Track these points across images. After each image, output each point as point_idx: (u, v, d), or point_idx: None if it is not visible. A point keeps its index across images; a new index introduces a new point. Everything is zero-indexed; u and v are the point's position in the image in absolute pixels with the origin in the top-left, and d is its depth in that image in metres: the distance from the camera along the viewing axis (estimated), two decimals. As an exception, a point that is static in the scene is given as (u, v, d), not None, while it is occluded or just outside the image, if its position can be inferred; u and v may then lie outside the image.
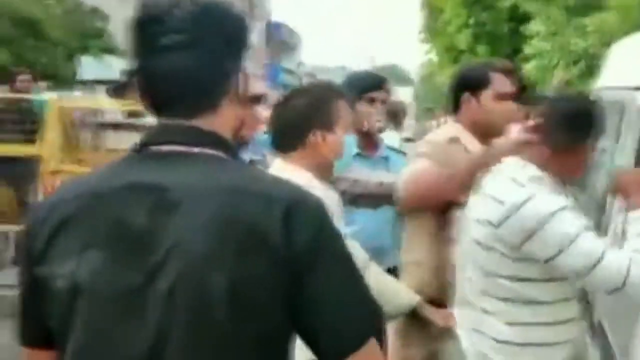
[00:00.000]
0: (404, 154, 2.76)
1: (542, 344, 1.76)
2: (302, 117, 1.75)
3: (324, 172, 1.78)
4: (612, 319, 1.95)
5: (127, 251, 0.90)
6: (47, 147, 4.28)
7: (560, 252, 1.63)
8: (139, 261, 0.90)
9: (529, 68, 13.94)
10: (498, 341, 1.76)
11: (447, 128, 2.24)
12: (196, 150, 0.95)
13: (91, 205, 0.93)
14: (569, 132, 1.76)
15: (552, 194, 1.72)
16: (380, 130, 2.66)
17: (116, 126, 5.02)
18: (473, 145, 2.08)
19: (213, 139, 0.97)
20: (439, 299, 2.03)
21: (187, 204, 0.90)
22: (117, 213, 0.91)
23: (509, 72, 2.11)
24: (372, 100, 2.54)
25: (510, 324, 1.74)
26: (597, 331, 2.06)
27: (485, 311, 1.77)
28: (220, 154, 0.96)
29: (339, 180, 2.22)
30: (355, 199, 2.27)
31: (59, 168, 4.27)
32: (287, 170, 1.70)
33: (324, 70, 42.66)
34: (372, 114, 2.55)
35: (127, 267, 0.90)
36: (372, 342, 0.96)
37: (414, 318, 2.01)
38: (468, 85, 2.14)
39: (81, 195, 0.94)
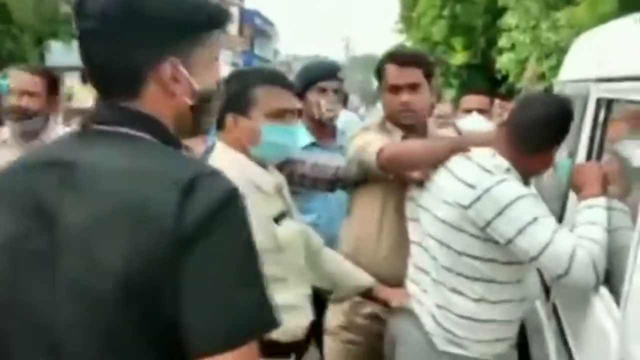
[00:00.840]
0: None
1: (502, 321, 1.86)
2: (223, 100, 1.74)
3: (248, 155, 1.75)
4: (564, 300, 2.02)
5: (31, 221, 0.95)
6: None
7: (517, 234, 1.70)
8: (40, 234, 0.94)
9: (502, 61, 14.07)
10: (463, 317, 1.83)
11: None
12: (122, 130, 0.98)
13: (17, 175, 1.00)
14: (539, 137, 1.85)
15: (519, 183, 1.81)
16: (332, 119, 2.69)
17: (84, 111, 4.96)
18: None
19: (139, 120, 0.99)
20: (392, 276, 2.07)
21: (87, 183, 0.94)
22: (31, 185, 0.97)
23: (403, 64, 2.15)
24: (322, 90, 2.60)
25: (477, 301, 1.82)
26: (552, 312, 2.13)
27: (453, 289, 1.83)
28: (145, 135, 0.99)
29: (299, 164, 2.25)
30: (315, 182, 2.30)
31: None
32: (220, 150, 1.75)
33: (299, 59, 42.41)
34: (321, 104, 2.60)
35: (30, 238, 0.94)
36: (241, 351, 0.88)
37: (366, 298, 2.06)
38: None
39: (16, 166, 1.03)
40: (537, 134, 1.84)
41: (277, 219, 1.69)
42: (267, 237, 1.61)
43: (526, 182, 1.89)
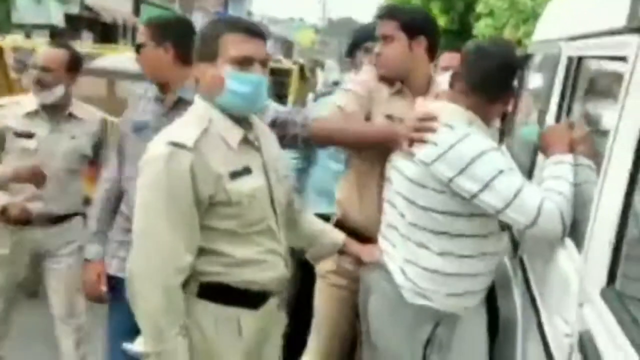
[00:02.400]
0: None
1: (467, 275, 1.90)
2: (194, 52, 1.75)
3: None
4: (531, 254, 2.08)
5: None
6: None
7: (484, 188, 1.75)
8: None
9: (480, 26, 14.05)
10: (429, 270, 1.88)
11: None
12: None
13: None
14: (499, 84, 1.91)
15: (484, 136, 1.84)
16: None
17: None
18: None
19: None
20: (366, 231, 2.14)
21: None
22: None
23: (379, 16, 2.26)
24: (367, 50, 2.67)
25: (441, 254, 1.86)
26: (519, 266, 2.20)
27: (419, 244, 1.88)
28: None
29: (290, 125, 2.30)
30: (307, 141, 2.36)
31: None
32: (195, 103, 1.77)
33: (273, 21, 41.79)
34: (364, 62, 2.65)
35: None
36: None
37: (341, 255, 2.14)
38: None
39: None
40: (497, 81, 1.91)
41: (235, 174, 1.68)
42: (219, 192, 1.65)
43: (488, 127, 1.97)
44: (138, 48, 2.19)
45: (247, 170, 1.71)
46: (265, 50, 1.74)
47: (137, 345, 1.67)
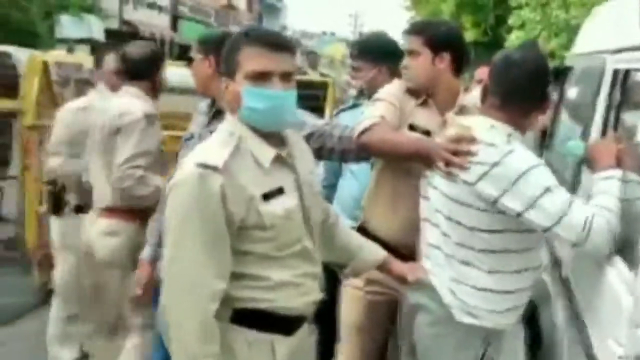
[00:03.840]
0: None
1: (513, 291, 1.87)
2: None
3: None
4: (576, 272, 2.03)
5: None
6: (26, 102, 4.23)
7: (531, 206, 1.71)
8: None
9: (512, 39, 13.92)
10: (477, 288, 1.85)
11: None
12: None
13: None
14: (532, 94, 1.88)
15: (527, 150, 1.81)
16: None
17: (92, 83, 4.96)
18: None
19: None
20: (405, 248, 2.12)
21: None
22: None
23: (406, 31, 2.32)
24: None
25: (489, 272, 1.83)
26: (562, 285, 2.15)
27: (466, 262, 1.85)
28: None
29: (327, 137, 2.34)
30: (342, 154, 2.39)
31: (37, 123, 4.23)
32: (225, 120, 1.73)
33: (307, 36, 42.09)
34: None
35: None
36: None
37: (382, 272, 2.08)
38: None
39: None
40: (530, 90, 1.86)
41: (268, 196, 1.61)
42: (251, 214, 1.59)
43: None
44: (189, 62, 2.33)
45: (280, 191, 1.64)
46: (290, 63, 1.65)
47: None
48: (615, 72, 2.07)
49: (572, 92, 2.99)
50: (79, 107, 3.26)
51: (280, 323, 1.66)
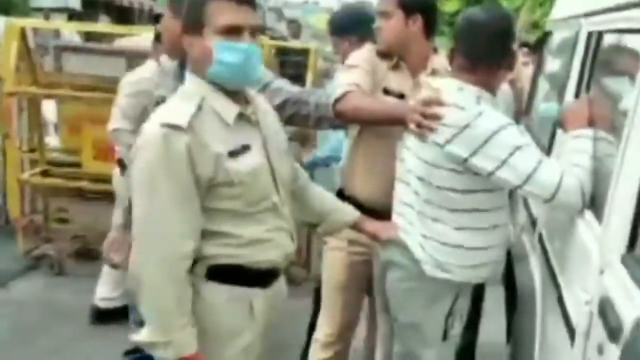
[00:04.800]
0: None
1: (482, 247, 1.94)
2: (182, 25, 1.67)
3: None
4: (549, 228, 2.10)
5: None
6: (4, 69, 4.17)
7: (501, 165, 1.76)
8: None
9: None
10: (447, 244, 1.91)
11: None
12: None
13: None
14: (499, 49, 1.92)
15: (496, 111, 1.86)
16: None
17: (75, 49, 4.91)
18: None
19: None
20: (383, 210, 2.17)
21: None
22: None
23: None
24: None
25: (457, 229, 1.89)
26: (537, 241, 2.22)
27: (435, 219, 1.91)
28: None
29: (302, 105, 2.37)
30: (317, 121, 2.42)
31: (16, 90, 4.19)
32: (187, 80, 1.72)
33: (290, 5, 41.54)
34: None
35: None
36: None
37: (355, 230, 2.14)
38: None
39: None
40: (498, 49, 1.91)
41: (234, 153, 1.62)
42: (218, 171, 1.60)
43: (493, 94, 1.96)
44: (157, 19, 2.25)
45: (246, 148, 1.65)
46: (256, 17, 1.63)
47: (143, 336, 1.60)
48: (589, 35, 2.12)
49: (550, 57, 3.04)
50: (142, 79, 2.85)
51: (255, 277, 1.70)
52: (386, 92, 2.28)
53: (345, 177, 2.46)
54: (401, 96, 2.26)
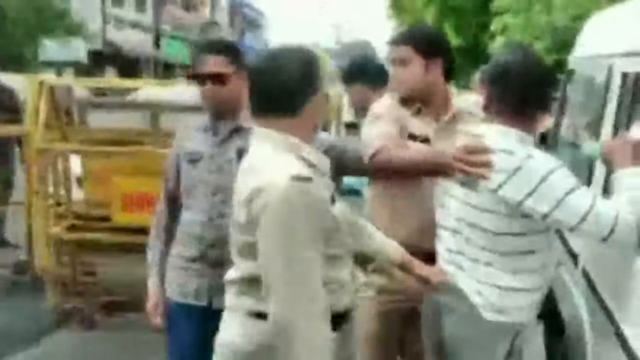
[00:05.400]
0: None
1: (536, 288, 1.96)
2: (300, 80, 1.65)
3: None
4: (597, 265, 2.12)
5: None
6: (33, 126, 4.26)
7: (557, 206, 1.79)
8: None
9: (494, 45, 14.06)
10: (503, 288, 1.92)
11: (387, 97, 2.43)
12: None
13: None
14: (539, 95, 1.95)
15: (545, 153, 1.89)
16: None
17: (99, 105, 5.02)
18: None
19: None
20: (411, 251, 2.13)
21: None
22: None
23: (393, 42, 2.33)
24: None
25: (513, 272, 1.91)
26: (581, 277, 2.24)
27: (489, 264, 1.93)
28: None
29: (341, 152, 2.39)
30: (357, 172, 2.45)
31: (45, 146, 4.26)
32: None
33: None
34: None
35: None
36: None
37: (404, 272, 2.10)
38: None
39: None
40: (537, 92, 1.94)
41: (332, 199, 1.68)
42: (330, 218, 1.65)
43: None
44: (212, 79, 2.14)
45: (333, 196, 1.72)
46: None
47: None
48: (624, 75, 2.18)
49: (577, 95, 3.10)
50: None
51: (335, 321, 1.68)
52: (411, 137, 2.29)
53: (372, 223, 2.44)
54: (426, 140, 2.27)
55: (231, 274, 1.77)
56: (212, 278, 2.17)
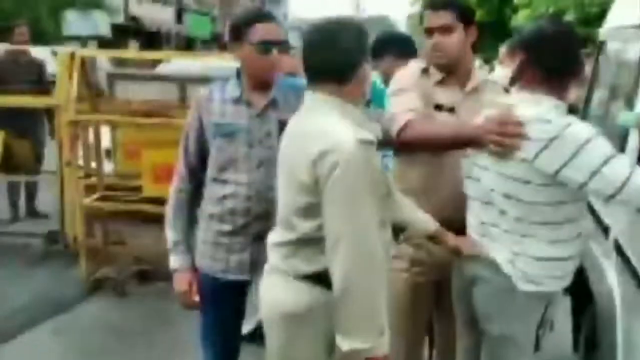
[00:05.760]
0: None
1: (569, 257, 1.97)
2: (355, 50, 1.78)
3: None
4: (631, 235, 2.12)
5: None
6: (63, 98, 4.33)
7: (593, 175, 1.79)
8: None
9: (518, 18, 13.85)
10: (537, 258, 1.93)
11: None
12: None
13: None
14: (570, 59, 1.95)
15: (582, 122, 1.89)
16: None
17: (128, 76, 5.07)
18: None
19: None
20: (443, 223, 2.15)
21: None
22: None
23: (435, 7, 2.28)
24: None
25: (549, 242, 1.92)
26: (614, 249, 2.24)
27: (525, 235, 1.93)
28: None
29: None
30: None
31: (77, 118, 4.33)
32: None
33: (306, 22, 42.02)
34: None
35: None
36: None
37: (436, 243, 2.15)
38: None
39: None
40: (571, 59, 1.95)
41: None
42: (385, 182, 1.81)
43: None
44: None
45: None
46: None
47: (357, 344, 1.66)
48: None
49: (609, 66, 3.07)
50: None
51: None
52: (437, 107, 2.26)
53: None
54: (451, 109, 2.25)
55: (279, 236, 1.84)
56: (254, 251, 2.18)
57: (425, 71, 2.31)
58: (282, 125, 1.99)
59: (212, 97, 2.23)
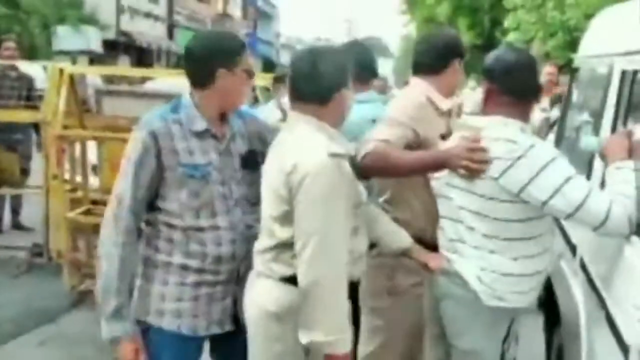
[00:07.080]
0: None
1: (534, 273, 2.04)
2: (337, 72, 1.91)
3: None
4: (593, 254, 2.21)
5: None
6: (51, 113, 4.38)
7: (554, 194, 1.88)
8: None
9: (508, 41, 14.04)
10: (503, 274, 2.01)
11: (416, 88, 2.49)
12: None
13: None
14: (532, 83, 2.10)
15: (546, 143, 1.99)
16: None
17: (115, 93, 5.14)
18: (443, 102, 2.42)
19: None
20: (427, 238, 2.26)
21: None
22: None
23: None
24: None
25: (515, 258, 2.00)
26: (579, 267, 2.33)
27: (492, 251, 2.01)
28: None
29: None
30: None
31: (64, 133, 4.39)
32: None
33: (301, 42, 42.34)
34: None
35: None
36: None
37: (406, 257, 2.23)
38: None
39: None
40: (531, 82, 2.10)
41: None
42: (357, 192, 1.91)
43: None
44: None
45: None
46: None
47: (320, 336, 1.77)
48: (624, 73, 2.27)
49: (581, 92, 3.19)
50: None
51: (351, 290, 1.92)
52: (443, 137, 2.31)
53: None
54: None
55: (263, 243, 1.95)
56: (236, 294, 2.05)
57: (430, 101, 2.39)
58: (244, 160, 2.05)
59: (169, 131, 1.93)
